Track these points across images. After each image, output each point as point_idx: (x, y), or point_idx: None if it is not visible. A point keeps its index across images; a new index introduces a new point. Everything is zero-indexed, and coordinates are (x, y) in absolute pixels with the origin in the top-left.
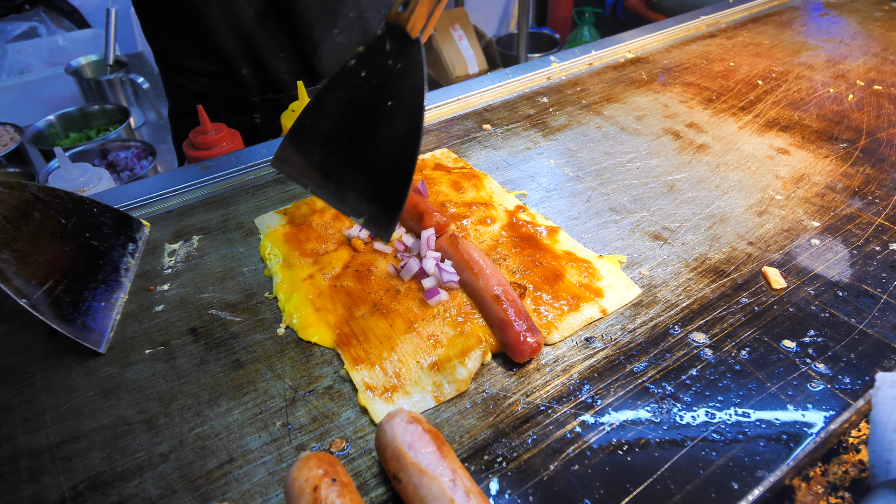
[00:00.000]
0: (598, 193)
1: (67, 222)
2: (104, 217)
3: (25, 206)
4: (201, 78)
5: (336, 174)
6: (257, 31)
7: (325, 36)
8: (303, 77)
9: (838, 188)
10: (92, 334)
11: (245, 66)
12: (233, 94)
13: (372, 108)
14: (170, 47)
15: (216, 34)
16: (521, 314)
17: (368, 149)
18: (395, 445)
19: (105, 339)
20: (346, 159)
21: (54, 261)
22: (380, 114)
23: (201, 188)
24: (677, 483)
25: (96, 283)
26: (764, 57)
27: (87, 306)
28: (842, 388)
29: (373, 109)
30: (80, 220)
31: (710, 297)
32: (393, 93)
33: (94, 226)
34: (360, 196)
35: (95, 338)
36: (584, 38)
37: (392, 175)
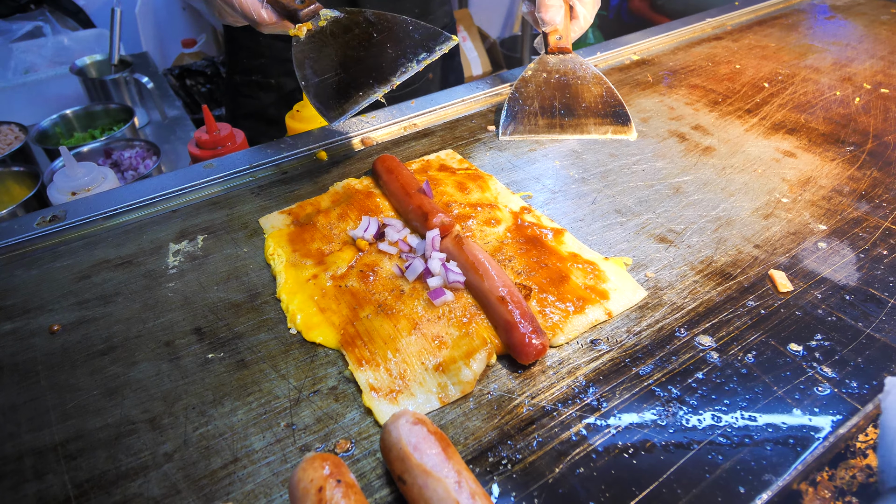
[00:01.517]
0: (604, 195)
1: (377, 35)
2: (415, 32)
3: (350, 23)
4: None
5: (566, 122)
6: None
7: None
8: None
9: (845, 191)
10: (332, 112)
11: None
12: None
13: (566, 86)
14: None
15: None
16: (526, 316)
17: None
18: (400, 447)
19: (340, 118)
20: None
21: (344, 60)
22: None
23: (206, 188)
24: (683, 487)
25: (367, 78)
26: (770, 59)
27: (346, 93)
28: (849, 392)
29: (568, 86)
30: (388, 35)
31: (716, 299)
32: (575, 75)
33: (398, 39)
34: (596, 124)
35: (332, 115)
36: (588, 41)
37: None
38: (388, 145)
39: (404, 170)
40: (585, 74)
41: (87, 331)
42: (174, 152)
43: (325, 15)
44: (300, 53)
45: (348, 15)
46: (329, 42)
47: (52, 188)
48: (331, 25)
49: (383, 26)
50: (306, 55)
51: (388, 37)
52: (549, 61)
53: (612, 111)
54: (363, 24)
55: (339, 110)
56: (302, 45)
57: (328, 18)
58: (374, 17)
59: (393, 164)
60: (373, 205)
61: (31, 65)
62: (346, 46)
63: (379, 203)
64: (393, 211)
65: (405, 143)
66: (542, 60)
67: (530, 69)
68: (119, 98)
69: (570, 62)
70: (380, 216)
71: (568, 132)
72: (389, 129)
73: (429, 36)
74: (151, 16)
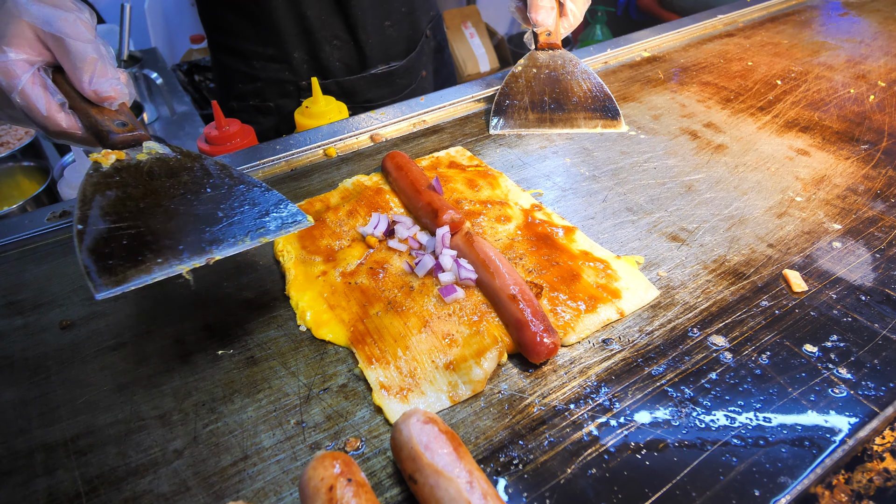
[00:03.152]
0: (615, 193)
1: (210, 191)
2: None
3: (179, 168)
4: (255, 61)
5: (556, 116)
6: (316, 15)
7: (377, 26)
8: (352, 66)
9: (860, 190)
10: (104, 277)
11: (299, 50)
12: (283, 77)
13: (556, 81)
14: (226, 28)
15: (276, 16)
16: (537, 314)
17: (572, 97)
18: (411, 446)
19: (108, 292)
20: (559, 107)
21: (149, 209)
22: (566, 81)
23: None
24: (697, 489)
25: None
26: (783, 56)
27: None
28: (865, 394)
29: (558, 81)
30: (226, 194)
31: (729, 299)
32: (565, 71)
33: (236, 201)
34: (586, 118)
35: (104, 281)
36: (597, 37)
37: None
38: (398, 142)
39: (414, 166)
40: (575, 70)
41: (98, 326)
42: (133, 115)
43: (150, 149)
44: (92, 186)
45: (182, 158)
46: (141, 182)
47: (63, 183)
48: (151, 163)
49: (222, 182)
50: (100, 190)
51: (226, 197)
52: (539, 57)
53: (602, 105)
54: (197, 173)
55: (118, 277)
56: (100, 175)
57: (152, 154)
58: (215, 168)
59: (402, 160)
60: (382, 201)
61: None
62: (163, 194)
63: (389, 200)
64: (403, 208)
65: (414, 139)
66: (532, 56)
67: (520, 65)
68: None
69: (560, 58)
70: (389, 213)
71: (558, 126)
72: (399, 125)
73: (278, 209)
74: (160, 12)
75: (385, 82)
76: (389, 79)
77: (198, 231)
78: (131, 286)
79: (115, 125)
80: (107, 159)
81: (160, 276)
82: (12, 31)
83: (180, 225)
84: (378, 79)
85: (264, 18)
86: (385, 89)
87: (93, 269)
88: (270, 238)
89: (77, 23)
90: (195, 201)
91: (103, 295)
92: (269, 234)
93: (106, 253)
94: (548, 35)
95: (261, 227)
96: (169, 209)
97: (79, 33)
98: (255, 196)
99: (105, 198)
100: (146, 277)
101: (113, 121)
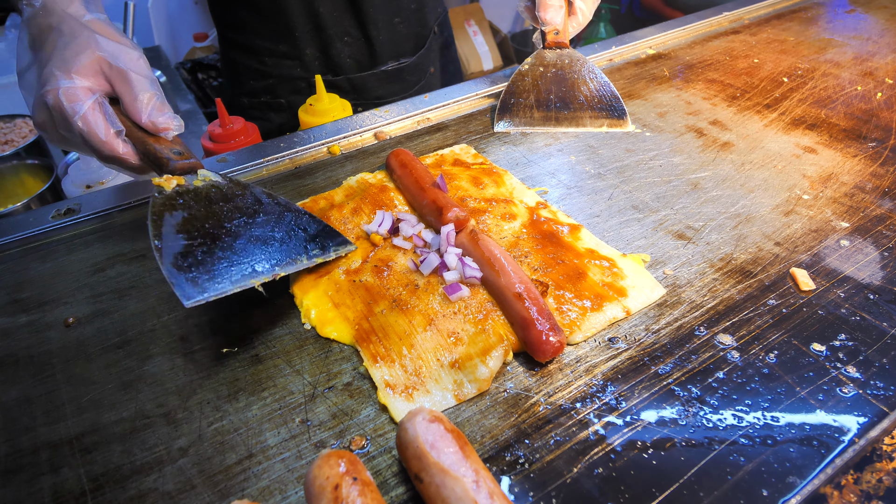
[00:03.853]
0: (620, 191)
1: (263, 217)
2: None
3: (232, 194)
4: (267, 57)
5: (561, 115)
6: (328, 12)
7: (387, 23)
8: (363, 62)
9: (868, 188)
10: (190, 288)
11: (311, 46)
12: (294, 74)
13: (563, 80)
14: (239, 25)
15: (289, 12)
16: (543, 313)
17: (578, 96)
18: (416, 445)
19: (200, 297)
20: (565, 106)
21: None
22: (573, 80)
23: None
24: (705, 489)
25: (241, 261)
26: (789, 54)
27: (212, 269)
28: (874, 393)
29: (564, 80)
30: (277, 219)
31: (736, 298)
32: (572, 70)
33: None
34: (592, 118)
35: (191, 292)
36: (600, 35)
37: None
38: (402, 139)
39: (418, 164)
40: (582, 69)
41: (102, 324)
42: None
43: (205, 176)
44: (161, 206)
45: (233, 185)
46: (202, 205)
47: (67, 181)
48: (208, 188)
49: (273, 209)
50: (168, 210)
51: (278, 221)
52: (547, 56)
53: (609, 104)
54: (249, 199)
55: (200, 288)
56: (165, 198)
57: (206, 181)
58: (265, 196)
59: (407, 158)
60: (387, 199)
61: None
62: (223, 217)
63: (393, 198)
64: (407, 205)
65: (419, 137)
66: (540, 55)
67: (527, 63)
68: None
69: (568, 57)
70: (394, 211)
71: (563, 125)
72: (403, 123)
73: (326, 234)
74: (164, 10)
75: (395, 79)
76: (399, 75)
77: (261, 250)
78: (213, 295)
79: (173, 153)
80: (168, 184)
81: (237, 287)
82: (82, 62)
83: (244, 244)
84: (388, 75)
85: (277, 15)
86: (395, 86)
87: (178, 279)
88: (324, 259)
89: (139, 60)
90: (253, 224)
91: (192, 302)
92: (323, 255)
93: (185, 266)
94: (556, 34)
95: (314, 248)
96: (231, 230)
97: (140, 69)
98: (304, 223)
99: (173, 217)
100: (226, 287)
101: (171, 149)
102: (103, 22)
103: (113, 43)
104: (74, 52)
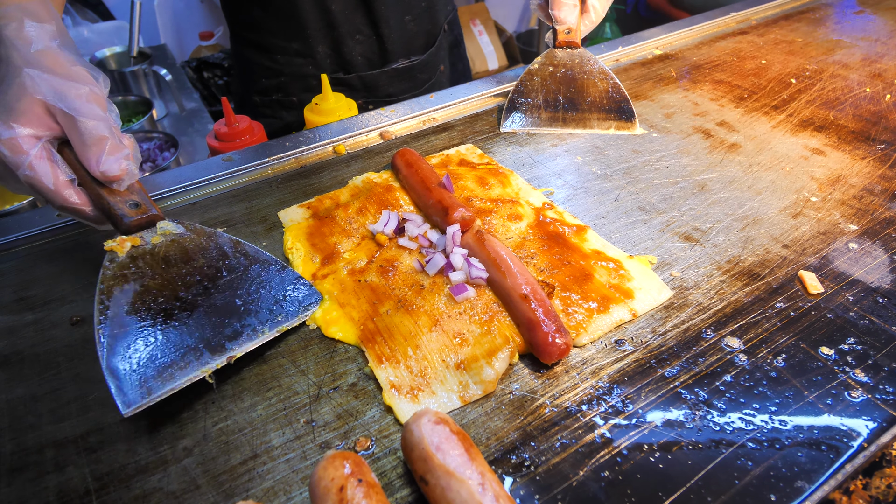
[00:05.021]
0: (627, 192)
1: (227, 275)
2: (275, 283)
3: (195, 248)
4: (279, 55)
5: (569, 116)
6: (339, 10)
7: (399, 21)
8: (374, 61)
9: (876, 191)
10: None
11: (322, 44)
12: (306, 72)
13: (572, 80)
14: (251, 23)
15: (302, 10)
16: (549, 314)
17: (587, 97)
18: (422, 446)
19: (138, 404)
20: (573, 107)
21: (170, 307)
22: (582, 81)
23: (224, 181)
24: (712, 493)
25: (195, 342)
26: (797, 55)
27: (159, 362)
28: (883, 398)
29: (574, 80)
30: (242, 276)
31: (743, 300)
32: (582, 70)
33: (253, 286)
34: (600, 119)
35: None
36: (606, 35)
37: (616, 101)
38: (408, 139)
39: (424, 164)
40: (592, 69)
41: None
42: (191, 144)
43: (164, 229)
44: (111, 281)
45: (196, 237)
46: (158, 272)
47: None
48: (167, 247)
49: (238, 263)
50: (118, 283)
51: (242, 281)
52: (557, 55)
53: (617, 106)
54: (213, 253)
55: (143, 389)
56: (116, 268)
57: (166, 235)
58: (230, 247)
59: (412, 157)
60: (392, 199)
61: None
62: (181, 284)
63: (399, 197)
64: (413, 206)
65: (424, 137)
66: (550, 54)
67: (537, 62)
68: (138, 90)
69: (578, 57)
70: (400, 211)
71: (570, 126)
72: (408, 122)
73: (294, 289)
74: (170, 8)
75: (406, 77)
76: (410, 73)
77: (217, 325)
78: (156, 398)
79: (127, 207)
80: (122, 248)
81: (184, 382)
82: (23, 107)
83: (200, 320)
84: (399, 73)
85: (289, 13)
86: (406, 83)
87: (118, 385)
88: (288, 326)
89: (90, 98)
90: (213, 289)
91: (130, 412)
92: (287, 322)
93: (129, 363)
94: (567, 33)
95: (279, 314)
96: (187, 301)
97: (90, 111)
98: (270, 277)
99: (123, 293)
100: (170, 385)
101: (126, 201)
102: (54, 50)
103: (58, 80)
104: (15, 95)
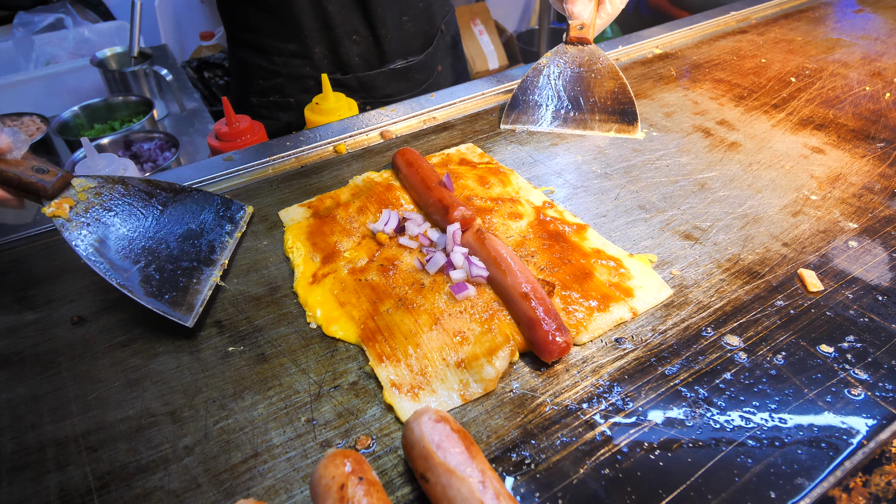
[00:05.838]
0: (627, 191)
1: (165, 209)
2: (204, 203)
3: (124, 197)
4: (276, 56)
5: (570, 116)
6: (336, 10)
7: (395, 21)
8: (371, 61)
9: (876, 189)
10: (180, 309)
11: (319, 45)
12: (303, 73)
13: (578, 78)
14: (248, 24)
15: (298, 11)
16: (550, 313)
17: (590, 97)
18: (422, 444)
19: (194, 313)
20: (575, 107)
21: (148, 244)
22: (588, 80)
23: (225, 180)
24: (712, 490)
25: (189, 262)
26: (797, 54)
27: (176, 283)
28: (883, 395)
29: (580, 79)
30: (177, 207)
31: (743, 298)
32: (590, 68)
33: (192, 211)
34: (601, 121)
35: (183, 312)
36: (606, 34)
37: (621, 102)
38: (408, 139)
39: (424, 163)
40: (601, 68)
41: (108, 322)
42: (192, 144)
43: (82, 185)
44: (83, 242)
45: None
46: (111, 222)
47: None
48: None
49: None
50: (88, 241)
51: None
52: (567, 51)
53: (621, 108)
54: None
55: (186, 305)
56: (74, 226)
57: (87, 189)
58: (147, 187)
59: (413, 157)
60: (393, 198)
61: (52, 56)
62: (137, 226)
63: (399, 196)
64: (413, 204)
65: (425, 136)
66: (560, 50)
67: (545, 58)
68: (138, 90)
69: (588, 54)
70: (400, 210)
71: (570, 127)
72: (409, 122)
73: (224, 206)
74: (170, 9)
75: (403, 77)
76: (407, 73)
77: (194, 247)
78: (199, 308)
79: (36, 173)
80: (62, 210)
81: (208, 292)
82: None
83: (179, 246)
84: (397, 73)
85: (286, 14)
86: (403, 84)
87: (164, 308)
88: (240, 232)
89: None
90: (167, 222)
91: (192, 321)
92: (238, 229)
93: (156, 292)
94: (580, 28)
95: (227, 224)
96: (157, 237)
97: None
98: (199, 200)
99: (104, 247)
100: (200, 297)
101: (31, 167)
102: None
103: None
104: None
